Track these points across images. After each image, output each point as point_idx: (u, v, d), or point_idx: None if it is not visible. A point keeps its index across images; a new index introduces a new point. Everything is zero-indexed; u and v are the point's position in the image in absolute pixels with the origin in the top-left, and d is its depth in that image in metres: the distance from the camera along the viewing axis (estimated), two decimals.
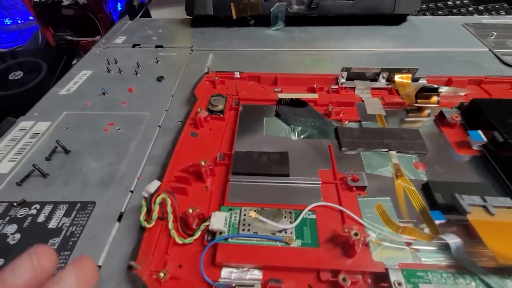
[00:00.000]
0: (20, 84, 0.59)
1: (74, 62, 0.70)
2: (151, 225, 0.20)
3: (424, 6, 0.74)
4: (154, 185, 0.21)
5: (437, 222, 0.20)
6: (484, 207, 0.19)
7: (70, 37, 0.75)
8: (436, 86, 0.30)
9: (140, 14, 0.63)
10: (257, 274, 0.19)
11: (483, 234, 0.18)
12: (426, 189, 0.23)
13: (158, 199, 0.20)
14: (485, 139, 0.25)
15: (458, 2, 0.75)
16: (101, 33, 0.76)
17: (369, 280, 0.19)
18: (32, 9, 0.71)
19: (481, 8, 0.72)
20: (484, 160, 0.25)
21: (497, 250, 0.17)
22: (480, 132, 0.26)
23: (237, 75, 0.34)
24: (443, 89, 0.32)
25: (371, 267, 0.18)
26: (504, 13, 0.70)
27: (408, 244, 0.19)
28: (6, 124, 0.45)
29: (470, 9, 0.73)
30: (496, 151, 0.25)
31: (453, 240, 0.19)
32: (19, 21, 1.07)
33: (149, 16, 0.71)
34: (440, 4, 0.76)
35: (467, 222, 0.19)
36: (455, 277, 0.18)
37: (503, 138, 0.24)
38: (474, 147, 0.26)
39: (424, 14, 0.72)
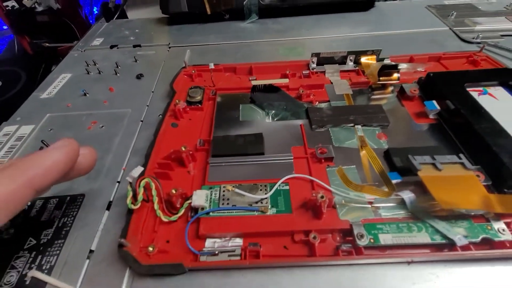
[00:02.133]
0: (0, 94, 0.59)
1: (53, 68, 0.70)
2: (137, 206, 0.22)
3: None
4: (138, 170, 0.22)
5: (394, 181, 0.22)
6: (433, 164, 0.22)
7: (47, 44, 0.75)
8: (394, 63, 0.32)
9: (116, 16, 0.64)
10: (238, 241, 0.21)
11: (430, 186, 0.20)
12: (387, 155, 0.25)
13: (143, 183, 0.22)
14: (438, 107, 0.28)
15: None
16: (78, 38, 0.75)
17: (338, 237, 0.21)
18: (5, 17, 0.70)
19: None
20: (439, 127, 0.28)
21: (441, 198, 0.19)
22: (434, 102, 0.28)
23: (211, 66, 0.36)
24: (403, 66, 0.34)
25: (338, 225, 0.21)
26: None
27: (370, 203, 0.22)
28: None
29: None
30: (449, 118, 0.28)
31: (408, 195, 0.21)
32: None
33: (126, 17, 0.72)
34: None
35: (420, 179, 0.22)
36: (410, 226, 0.20)
37: (454, 105, 0.27)
38: (430, 116, 0.29)
39: None
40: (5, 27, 1.03)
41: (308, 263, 0.20)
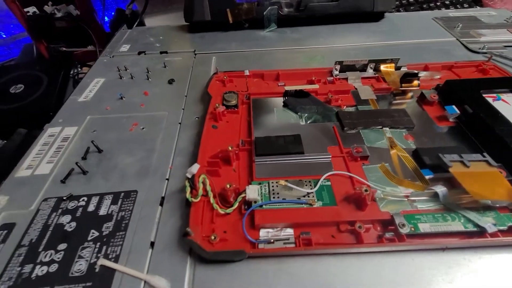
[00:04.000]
0: (23, 97, 0.60)
1: (71, 72, 0.72)
2: (198, 200, 0.24)
3: (397, 2, 0.82)
4: (195, 167, 0.25)
5: (427, 177, 0.25)
6: (461, 161, 0.25)
7: (64, 48, 0.77)
8: (416, 71, 0.35)
9: (136, 23, 0.66)
10: (289, 231, 0.23)
11: (462, 181, 0.23)
12: (416, 155, 0.28)
13: (201, 178, 0.24)
14: (458, 112, 0.31)
15: None
16: (94, 43, 0.78)
17: (378, 228, 0.23)
18: (24, 22, 0.72)
19: (447, 2, 0.81)
20: (459, 129, 0.31)
21: (472, 190, 0.22)
22: (454, 106, 0.31)
23: (246, 72, 0.39)
24: (422, 74, 0.37)
25: (380, 216, 0.23)
26: (467, 6, 0.78)
27: (406, 196, 0.24)
28: (17, 136, 0.47)
29: (438, 3, 0.81)
30: (467, 121, 0.31)
31: (440, 189, 0.24)
32: (3, 36, 1.06)
33: (143, 24, 0.74)
34: (411, 0, 0.83)
35: (450, 175, 0.24)
36: (444, 216, 0.23)
37: (472, 110, 0.30)
38: (451, 119, 0.32)
39: (398, 11, 0.80)
40: (16, 32, 1.04)
41: (355, 250, 0.22)
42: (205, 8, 0.53)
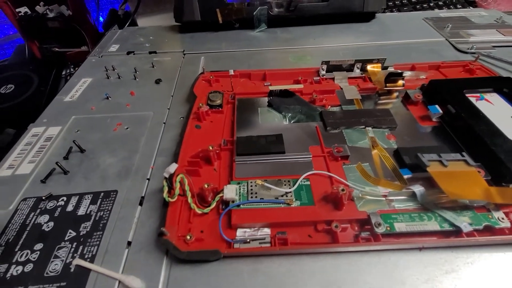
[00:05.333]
0: (13, 97, 0.60)
1: (63, 73, 0.72)
2: (174, 199, 0.24)
3: (391, 3, 0.82)
4: (173, 167, 0.25)
5: (405, 176, 0.25)
6: (440, 161, 0.24)
7: (56, 49, 0.77)
8: (400, 71, 0.35)
9: (128, 23, 0.66)
10: (266, 231, 0.23)
11: (439, 180, 0.23)
12: (396, 154, 0.28)
13: (178, 178, 0.24)
14: (441, 111, 0.31)
15: None
16: (87, 43, 0.77)
17: (356, 227, 0.23)
18: (16, 23, 0.72)
19: (440, 3, 0.81)
20: (442, 129, 0.31)
21: (448, 190, 0.22)
22: (437, 106, 0.31)
23: (231, 72, 0.39)
24: (407, 73, 0.37)
25: (357, 215, 0.23)
26: (460, 6, 0.78)
27: (384, 196, 0.24)
28: (6, 136, 0.47)
29: (431, 4, 0.82)
30: (450, 121, 0.31)
31: (418, 188, 0.24)
32: None
33: (136, 24, 0.74)
34: (404, 0, 0.83)
35: (428, 174, 0.24)
36: (421, 216, 0.23)
37: (454, 110, 0.30)
38: (434, 119, 0.32)
39: (391, 11, 0.80)
40: (11, 33, 1.04)
41: (331, 249, 0.22)
42: (195, 8, 0.53)
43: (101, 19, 1.09)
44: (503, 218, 0.22)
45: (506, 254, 0.22)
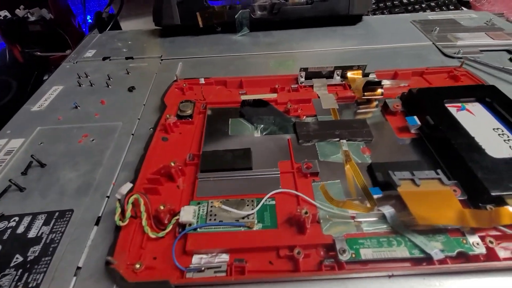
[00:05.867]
0: None
1: (45, 77, 0.70)
2: (125, 223, 0.22)
3: (382, 5, 0.80)
4: (126, 187, 0.23)
5: (375, 196, 0.23)
6: (412, 180, 0.23)
7: (39, 53, 0.75)
8: (378, 79, 0.34)
9: (109, 27, 0.64)
10: (224, 257, 0.22)
11: (408, 202, 0.21)
12: (370, 170, 0.26)
13: (131, 199, 0.22)
14: (419, 123, 0.29)
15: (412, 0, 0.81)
16: (71, 47, 0.76)
17: (322, 252, 0.22)
18: None
19: (432, 4, 0.79)
20: (421, 141, 0.29)
21: (418, 213, 0.20)
22: (415, 117, 0.30)
23: (202, 81, 0.37)
24: (387, 82, 0.35)
25: (321, 240, 0.21)
26: (453, 7, 0.76)
27: (353, 217, 0.23)
28: None
29: (423, 5, 0.80)
30: (429, 133, 0.29)
31: (388, 210, 0.22)
32: None
33: (120, 28, 0.72)
34: (396, 2, 0.82)
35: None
36: (390, 241, 0.21)
37: (433, 121, 0.28)
38: (412, 131, 0.30)
39: (382, 13, 0.78)
40: None
41: (292, 278, 0.20)
42: (174, 12, 0.51)
43: (89, 19, 1.06)
44: (478, 244, 0.21)
45: (481, 280, 0.20)
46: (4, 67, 0.74)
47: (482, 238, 0.21)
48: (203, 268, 0.21)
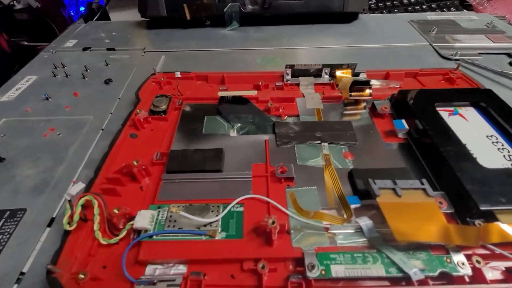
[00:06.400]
0: None
1: None
2: (72, 227, 0.20)
3: (381, 4, 0.78)
4: (77, 187, 0.21)
5: (353, 206, 0.21)
6: (394, 189, 0.21)
7: (26, 43, 0.72)
8: (367, 79, 0.31)
9: (96, 17, 0.62)
10: (181, 269, 0.19)
11: (387, 215, 0.19)
12: (350, 176, 0.24)
13: (81, 201, 0.20)
14: (407, 127, 0.27)
15: (412, 0, 0.78)
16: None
17: (290, 266, 0.19)
18: None
19: (433, 5, 0.77)
20: (408, 147, 0.27)
21: (396, 228, 0.18)
22: (403, 121, 0.27)
23: (177, 74, 0.35)
24: (376, 82, 0.33)
25: (289, 253, 0.19)
26: (454, 9, 0.74)
27: (326, 229, 0.20)
28: None
29: (424, 6, 0.78)
30: (417, 138, 0.27)
31: (365, 222, 0.20)
32: None
33: (109, 19, 0.70)
34: (396, 2, 0.79)
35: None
36: (365, 257, 0.19)
37: (422, 125, 0.26)
38: (400, 135, 0.28)
39: (381, 12, 0.76)
40: None
41: None
42: (160, 3, 0.49)
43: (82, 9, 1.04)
44: (463, 264, 0.18)
45: None
46: None
47: (469, 257, 0.19)
48: (155, 281, 0.18)
